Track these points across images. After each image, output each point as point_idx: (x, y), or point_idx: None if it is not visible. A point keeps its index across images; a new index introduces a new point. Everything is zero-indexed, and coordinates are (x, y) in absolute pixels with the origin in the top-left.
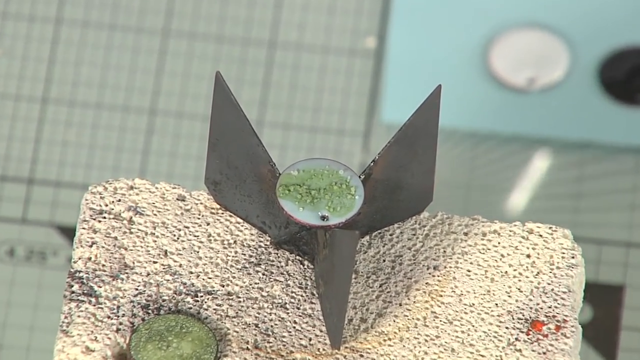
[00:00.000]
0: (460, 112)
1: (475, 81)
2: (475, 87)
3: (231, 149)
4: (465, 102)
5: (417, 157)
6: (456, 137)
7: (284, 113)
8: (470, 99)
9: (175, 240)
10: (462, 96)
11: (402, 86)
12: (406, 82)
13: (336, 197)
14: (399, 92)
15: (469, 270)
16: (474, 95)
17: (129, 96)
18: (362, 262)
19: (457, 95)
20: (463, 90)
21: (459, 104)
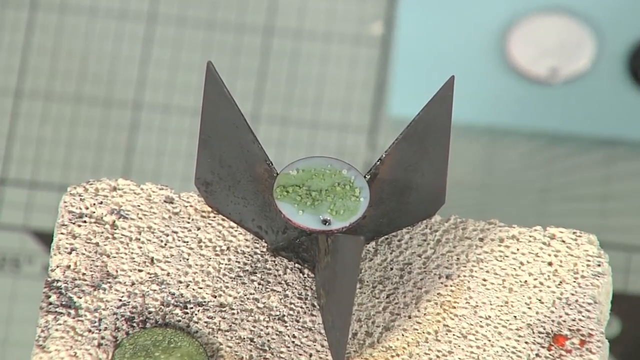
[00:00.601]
0: (475, 106)
1: (493, 71)
2: (492, 78)
3: (224, 147)
4: (482, 94)
5: (428, 155)
6: (471, 133)
7: (282, 107)
8: (486, 91)
9: (163, 246)
10: (478, 88)
11: (412, 77)
12: (416, 72)
13: (339, 199)
14: (408, 84)
15: (484, 279)
16: (490, 87)
17: (111, 88)
18: (367, 271)
19: (473, 87)
20: (479, 82)
21: (475, 97)
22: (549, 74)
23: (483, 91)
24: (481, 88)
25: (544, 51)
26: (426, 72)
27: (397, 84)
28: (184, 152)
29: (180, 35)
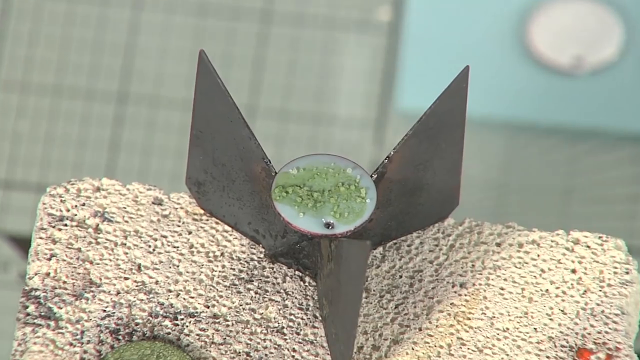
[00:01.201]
0: (492, 99)
1: (511, 61)
2: (510, 68)
3: (217, 143)
4: (499, 86)
5: (441, 153)
6: (488, 129)
7: (281, 99)
8: (504, 82)
9: (151, 252)
10: (495, 79)
11: (422, 67)
12: (427, 62)
13: (343, 200)
14: (418, 74)
15: (502, 288)
16: (508, 77)
17: (93, 79)
18: (374, 279)
19: (489, 78)
20: (496, 72)
21: (491, 89)
22: (573, 64)
23: (500, 82)
24: (498, 79)
25: (567, 39)
26: (438, 62)
27: (406, 74)
28: (174, 149)
29: (169, 21)
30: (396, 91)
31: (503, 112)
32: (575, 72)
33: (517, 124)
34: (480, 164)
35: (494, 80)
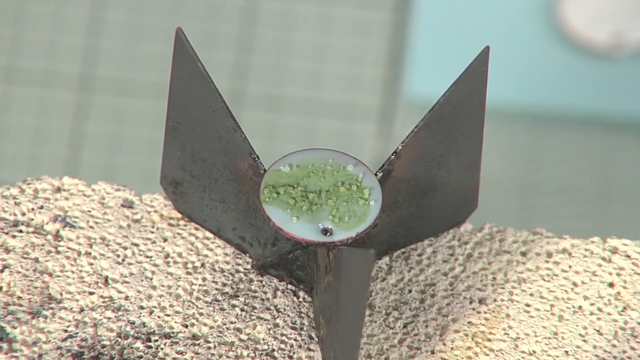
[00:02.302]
0: (518, 84)
1: (539, 40)
2: (538, 49)
3: (197, 136)
4: (525, 69)
5: (457, 147)
6: (512, 119)
7: (271, 85)
8: (531, 65)
9: (120, 262)
10: (521, 61)
11: (435, 47)
12: (441, 41)
13: (343, 202)
14: (430, 56)
15: (528, 304)
16: (536, 59)
17: (52, 63)
18: (379, 294)
19: (514, 60)
20: (521, 53)
21: (516, 73)
22: (612, 43)
23: (526, 65)
24: (524, 61)
25: (604, 13)
26: (454, 41)
27: (416, 55)
28: (147, 143)
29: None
30: (405, 75)
31: (529, 100)
32: (614, 53)
33: (545, 113)
34: (502, 159)
35: (519, 63)
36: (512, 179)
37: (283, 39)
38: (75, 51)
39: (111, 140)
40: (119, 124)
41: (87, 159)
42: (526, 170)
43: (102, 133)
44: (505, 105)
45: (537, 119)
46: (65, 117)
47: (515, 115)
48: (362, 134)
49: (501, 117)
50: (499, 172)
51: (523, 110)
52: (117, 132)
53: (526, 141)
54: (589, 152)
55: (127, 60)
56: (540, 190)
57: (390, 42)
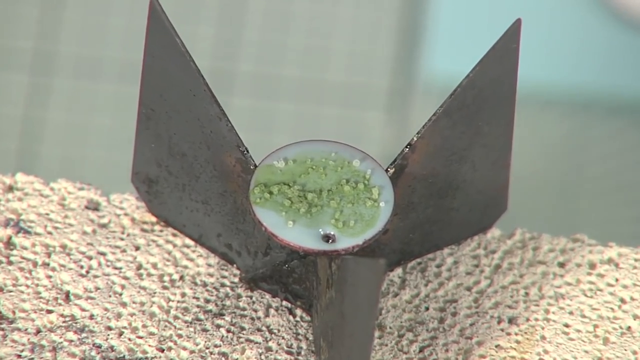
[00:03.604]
0: (556, 65)
1: (583, 11)
2: (582, 22)
3: (175, 126)
4: (565, 47)
5: (483, 138)
6: (549, 105)
7: (264, 65)
8: (572, 42)
9: (84, 275)
10: (560, 37)
11: (457, 21)
12: (463, 13)
13: (348, 204)
14: (451, 30)
15: (567, 324)
16: (579, 36)
17: (4, 39)
18: (390, 312)
19: (551, 37)
20: (562, 27)
21: (555, 51)
22: None
23: (566, 41)
24: (563, 36)
25: None
26: (479, 13)
27: (435, 29)
28: (115, 133)
29: None
30: (421, 53)
31: (570, 83)
32: None
33: (589, 99)
34: (537, 153)
35: (557, 38)
36: (549, 176)
37: (277, 10)
38: (29, 23)
39: (73, 129)
40: (82, 111)
41: (44, 152)
42: (566, 165)
43: (61, 121)
44: (540, 89)
45: (579, 106)
46: (17, 102)
47: (552, 101)
48: (370, 123)
49: (536, 103)
50: (532, 168)
51: (562, 95)
52: (80, 121)
53: (566, 131)
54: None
55: (91, 35)
56: (582, 190)
57: (404, 14)
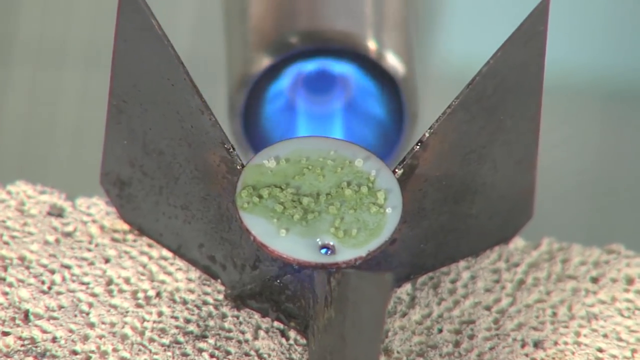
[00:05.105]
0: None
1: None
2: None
3: (151, 120)
4: (603, 29)
5: (505, 135)
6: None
7: None
8: (612, 23)
9: (45, 291)
10: (597, 19)
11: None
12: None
13: (350, 210)
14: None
15: (600, 349)
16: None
17: None
18: (398, 334)
19: (587, 18)
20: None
21: (590, 34)
22: None
23: (604, 23)
24: (601, 17)
25: None
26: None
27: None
28: (82, 128)
29: None
30: (433, 36)
31: (607, 71)
32: None
33: (628, 89)
34: (567, 152)
35: (591, 21)
36: (581, 177)
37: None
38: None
39: (32, 124)
40: (43, 102)
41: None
42: (600, 166)
43: (19, 115)
44: (571, 77)
45: (617, 97)
46: None
47: (585, 91)
48: None
49: (566, 94)
50: (562, 169)
51: (597, 85)
52: (41, 114)
53: (601, 126)
54: None
55: (54, 15)
56: (618, 194)
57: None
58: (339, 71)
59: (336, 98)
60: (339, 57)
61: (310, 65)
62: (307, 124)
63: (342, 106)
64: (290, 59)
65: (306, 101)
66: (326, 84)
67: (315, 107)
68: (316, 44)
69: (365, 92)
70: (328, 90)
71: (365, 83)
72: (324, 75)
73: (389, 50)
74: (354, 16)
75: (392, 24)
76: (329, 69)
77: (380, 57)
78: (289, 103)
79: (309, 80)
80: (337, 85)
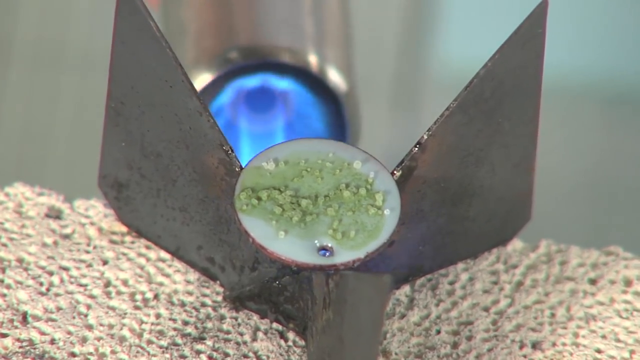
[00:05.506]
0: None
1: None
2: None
3: (149, 122)
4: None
5: (503, 137)
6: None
7: None
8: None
9: (44, 293)
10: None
11: (473, 1)
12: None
13: (348, 211)
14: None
15: (599, 350)
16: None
17: None
18: (396, 335)
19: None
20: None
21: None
22: None
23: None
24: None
25: None
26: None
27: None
28: (80, 131)
29: None
30: (431, 38)
31: (605, 74)
32: None
33: (625, 93)
34: (565, 154)
35: (589, 23)
36: (579, 180)
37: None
38: None
39: (31, 126)
40: (41, 105)
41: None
42: (598, 168)
43: (17, 117)
44: (570, 80)
45: (615, 99)
46: None
47: (583, 94)
48: (373, 118)
49: (564, 97)
50: (561, 171)
51: (595, 88)
52: (39, 116)
53: (599, 129)
54: None
55: (50, 18)
56: (616, 196)
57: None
58: (281, 87)
59: (277, 115)
60: (281, 72)
61: (252, 81)
62: (249, 141)
63: (283, 123)
64: (231, 74)
65: (248, 118)
66: (268, 101)
67: (256, 124)
68: (258, 59)
69: (307, 109)
70: (269, 107)
71: (306, 99)
72: (266, 91)
73: (331, 66)
74: (295, 32)
75: (332, 40)
76: (270, 85)
77: (322, 72)
78: (231, 120)
79: (250, 97)
80: (279, 102)
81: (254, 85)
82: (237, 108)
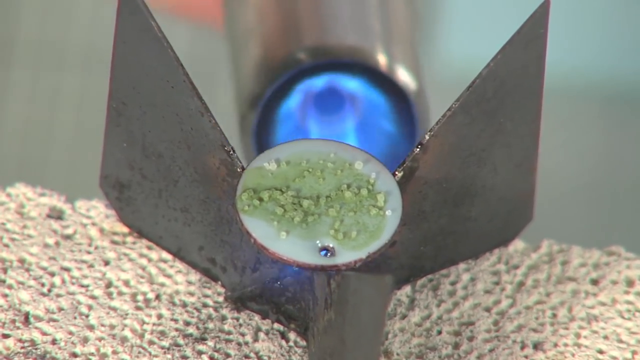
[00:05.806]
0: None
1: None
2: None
3: (150, 122)
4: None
5: (505, 137)
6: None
7: None
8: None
9: (45, 293)
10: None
11: (475, 1)
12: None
13: (350, 212)
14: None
15: (601, 351)
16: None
17: None
18: (398, 336)
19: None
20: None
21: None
22: None
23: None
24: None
25: None
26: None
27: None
28: (81, 131)
29: None
30: (433, 37)
31: (605, 74)
32: None
33: (628, 93)
34: (567, 155)
35: (591, 24)
36: (581, 180)
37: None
38: None
39: (32, 127)
40: (42, 105)
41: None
42: (600, 168)
43: (18, 117)
44: (571, 80)
45: (617, 100)
46: None
47: (585, 94)
48: None
49: (566, 97)
50: (563, 171)
51: (597, 88)
52: (40, 116)
53: (601, 130)
54: None
55: (52, 18)
56: (619, 196)
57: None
58: (349, 87)
59: (346, 116)
60: (349, 72)
61: (321, 81)
62: None
63: (352, 124)
64: (300, 75)
65: (317, 119)
66: (336, 102)
67: (326, 125)
68: (326, 59)
69: (376, 108)
70: (338, 108)
71: (375, 99)
72: (334, 92)
73: (400, 64)
74: (362, 31)
75: (399, 38)
76: (339, 85)
77: (392, 71)
78: (300, 121)
79: (319, 99)
80: (347, 102)
81: (322, 86)
82: (306, 110)
